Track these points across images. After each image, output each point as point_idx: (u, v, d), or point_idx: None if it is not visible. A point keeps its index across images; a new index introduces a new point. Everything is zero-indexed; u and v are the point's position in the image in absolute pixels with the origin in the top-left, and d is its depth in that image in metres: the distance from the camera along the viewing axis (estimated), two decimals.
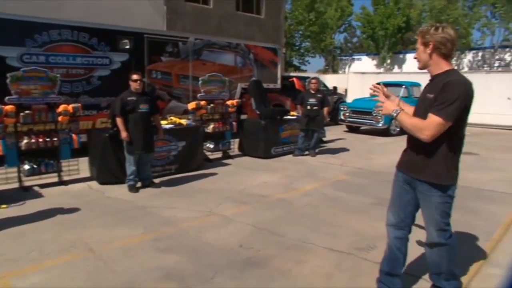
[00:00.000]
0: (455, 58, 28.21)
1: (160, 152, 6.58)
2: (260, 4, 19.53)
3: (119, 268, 3.26)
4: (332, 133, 12.15)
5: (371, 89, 2.75)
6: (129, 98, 5.55)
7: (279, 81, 12.37)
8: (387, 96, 2.67)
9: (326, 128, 9.31)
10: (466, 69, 27.79)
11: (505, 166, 7.78)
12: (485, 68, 25.90)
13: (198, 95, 7.89)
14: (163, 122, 7.13)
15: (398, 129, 12.37)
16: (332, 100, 14.98)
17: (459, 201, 5.32)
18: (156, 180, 6.14)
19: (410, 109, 2.63)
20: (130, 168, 5.71)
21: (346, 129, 13.18)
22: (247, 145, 8.29)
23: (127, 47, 8.84)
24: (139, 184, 5.86)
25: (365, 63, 32.84)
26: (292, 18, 29.37)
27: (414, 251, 3.43)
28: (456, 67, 18.99)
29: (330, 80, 20.20)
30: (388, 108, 2.48)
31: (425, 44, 2.42)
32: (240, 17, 18.39)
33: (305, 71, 29.54)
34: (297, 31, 31.16)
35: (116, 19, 12.22)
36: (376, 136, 11.48)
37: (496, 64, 27.11)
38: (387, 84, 14.10)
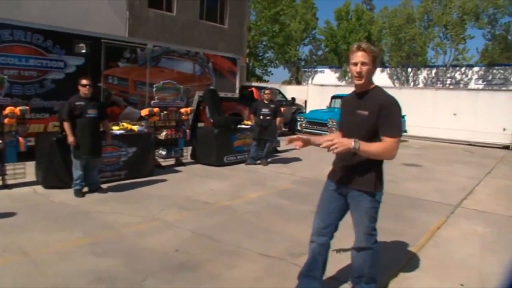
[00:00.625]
0: (411, 74, 29.65)
1: (109, 157, 6.56)
2: (223, 14, 19.75)
3: (51, 272, 3.26)
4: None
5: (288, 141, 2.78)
6: (77, 103, 5.54)
7: (237, 91, 12.56)
8: (306, 142, 2.69)
9: (282, 138, 9.54)
10: (421, 84, 29.21)
11: (444, 177, 8.28)
12: (438, 85, 27.30)
13: (152, 102, 7.93)
14: (115, 127, 7.13)
15: None
16: (290, 111, 15.38)
17: (396, 209, 5.73)
18: (104, 186, 6.12)
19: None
20: (76, 172, 5.66)
21: None
22: (200, 153, 8.38)
23: (83, 51, 8.75)
24: (86, 189, 5.82)
25: (327, 75, 33.78)
26: (256, 29, 29.82)
27: (340, 258, 3.65)
28: (412, 83, 20.08)
29: (291, 91, 20.66)
30: (345, 144, 2.39)
31: (374, 60, 2.52)
32: (203, 26, 18.51)
33: (267, 81, 30.02)
34: (260, 42, 31.63)
35: (77, 23, 12.01)
36: None
37: (448, 82, 28.67)
38: (341, 97, 14.78)
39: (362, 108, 2.53)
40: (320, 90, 18.37)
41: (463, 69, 28.67)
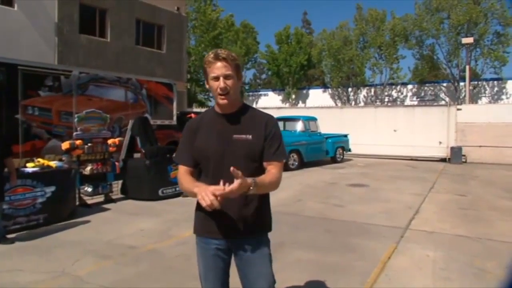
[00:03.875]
0: (352, 94, 30.60)
1: (21, 200, 5.65)
2: (161, 39, 19.18)
3: None
4: None
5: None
6: None
7: (175, 117, 11.90)
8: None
9: None
10: (362, 103, 30.16)
11: (390, 196, 8.09)
12: (377, 103, 28.30)
13: (74, 133, 7.10)
14: (29, 164, 6.23)
15: (296, 163, 12.56)
16: None
17: (343, 238, 5.30)
18: (12, 235, 5.19)
19: None
20: None
21: None
22: (131, 187, 7.58)
23: None
24: None
25: (271, 98, 33.98)
26: (196, 53, 29.43)
27: None
28: (353, 102, 20.41)
29: None
30: (243, 185, 1.76)
31: (238, 74, 2.00)
32: (139, 52, 17.81)
33: (209, 107, 29.44)
34: (201, 67, 31.26)
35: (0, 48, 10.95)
36: None
37: (386, 99, 29.89)
38: (284, 119, 14.60)
39: (241, 132, 1.99)
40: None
41: (398, 87, 30.04)
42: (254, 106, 25.31)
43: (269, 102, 31.31)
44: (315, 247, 4.81)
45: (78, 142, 6.99)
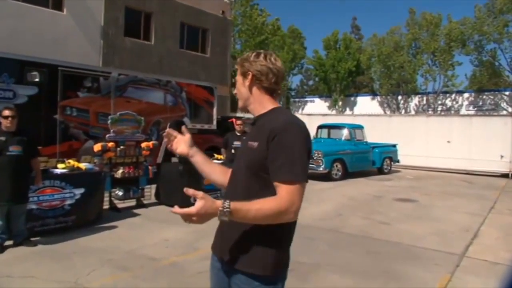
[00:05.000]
0: (402, 102, 29.17)
1: (50, 200, 5.51)
2: (205, 43, 19.14)
3: None
4: None
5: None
6: None
7: (214, 122, 11.62)
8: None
9: None
10: (412, 112, 28.67)
11: (443, 215, 7.25)
12: (429, 112, 26.73)
13: (107, 135, 6.95)
14: (59, 165, 6.11)
15: (340, 173, 11.88)
16: None
17: (386, 262, 4.64)
18: (37, 238, 5.04)
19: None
20: None
21: None
22: (163, 193, 7.32)
23: (37, 80, 7.88)
24: (9, 242, 4.75)
25: (318, 105, 33.23)
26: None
27: None
28: (403, 111, 19.27)
29: None
30: (207, 211, 1.41)
31: (244, 75, 1.74)
32: (183, 55, 17.84)
33: None
34: None
35: (46, 50, 11.26)
36: (316, 181, 10.78)
37: (439, 108, 28.20)
38: (329, 126, 13.91)
39: (252, 138, 1.68)
40: (307, 120, 17.47)
41: (453, 96, 28.28)
42: (299, 112, 24.77)
43: (315, 109, 30.58)
44: (354, 272, 4.22)
45: (110, 144, 6.81)
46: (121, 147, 6.98)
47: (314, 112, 23.07)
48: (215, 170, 1.92)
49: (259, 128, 1.67)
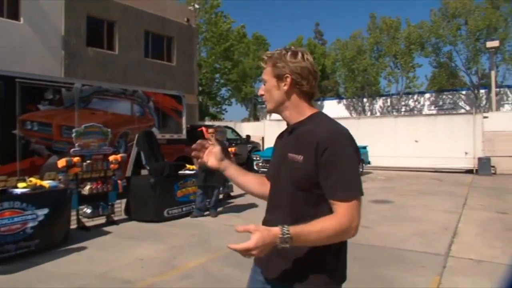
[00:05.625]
0: (367, 104, 29.79)
1: (9, 225, 5.03)
2: (171, 51, 18.76)
3: None
4: None
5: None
6: None
7: (184, 131, 11.29)
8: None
9: None
10: (378, 114, 29.33)
11: (420, 215, 7.27)
12: (394, 113, 27.42)
13: (71, 149, 6.52)
14: (20, 184, 5.65)
15: None
16: (246, 150, 14.26)
17: (374, 268, 4.48)
18: None
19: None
20: None
21: None
22: (134, 208, 6.93)
23: None
24: None
25: None
26: (207, 66, 29.04)
27: None
28: (369, 113, 19.55)
29: (247, 128, 19.65)
30: (267, 244, 1.32)
31: (279, 77, 1.55)
32: (149, 64, 17.38)
33: (222, 119, 28.96)
34: (213, 79, 30.82)
35: (2, 61, 10.56)
36: None
37: (403, 109, 29.00)
38: None
39: (294, 151, 1.52)
40: (276, 126, 17.43)
41: (415, 96, 29.19)
42: (267, 118, 24.82)
43: None
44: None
45: (75, 159, 6.38)
46: (88, 161, 6.56)
47: (280, 117, 23.05)
48: (251, 181, 1.81)
49: (300, 139, 1.51)
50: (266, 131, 17.79)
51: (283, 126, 1.73)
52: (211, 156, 1.78)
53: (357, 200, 1.41)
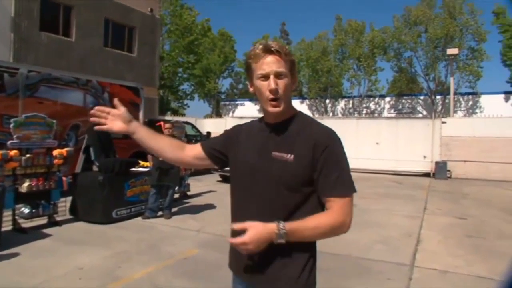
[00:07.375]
0: (330, 105, 30.03)
1: None
2: (132, 42, 17.89)
3: None
4: (203, 184, 10.75)
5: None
6: None
7: None
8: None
9: (198, 177, 7.90)
10: (339, 115, 29.62)
11: (383, 219, 7.15)
12: (355, 115, 27.78)
13: (9, 142, 5.83)
14: None
15: None
16: None
17: (338, 280, 4.11)
18: None
19: None
20: None
21: (220, 179, 11.83)
22: (81, 207, 6.34)
23: None
24: None
25: (248, 108, 32.98)
26: (170, 59, 28.12)
27: None
28: (331, 114, 19.59)
29: (208, 125, 19.13)
30: (263, 240, 1.36)
31: (292, 74, 1.51)
32: (108, 54, 16.47)
33: (184, 115, 28.13)
34: (176, 73, 29.90)
35: None
36: None
37: (364, 112, 29.49)
38: None
39: (282, 149, 1.48)
40: (238, 123, 17.10)
41: (376, 99, 29.71)
42: (230, 115, 24.38)
43: (246, 112, 30.33)
44: None
45: (13, 152, 5.71)
46: (27, 155, 5.90)
47: (246, 115, 22.73)
48: (165, 145, 1.67)
49: (290, 138, 1.48)
50: (228, 128, 17.34)
51: None
52: (117, 120, 1.62)
53: (352, 197, 1.46)
